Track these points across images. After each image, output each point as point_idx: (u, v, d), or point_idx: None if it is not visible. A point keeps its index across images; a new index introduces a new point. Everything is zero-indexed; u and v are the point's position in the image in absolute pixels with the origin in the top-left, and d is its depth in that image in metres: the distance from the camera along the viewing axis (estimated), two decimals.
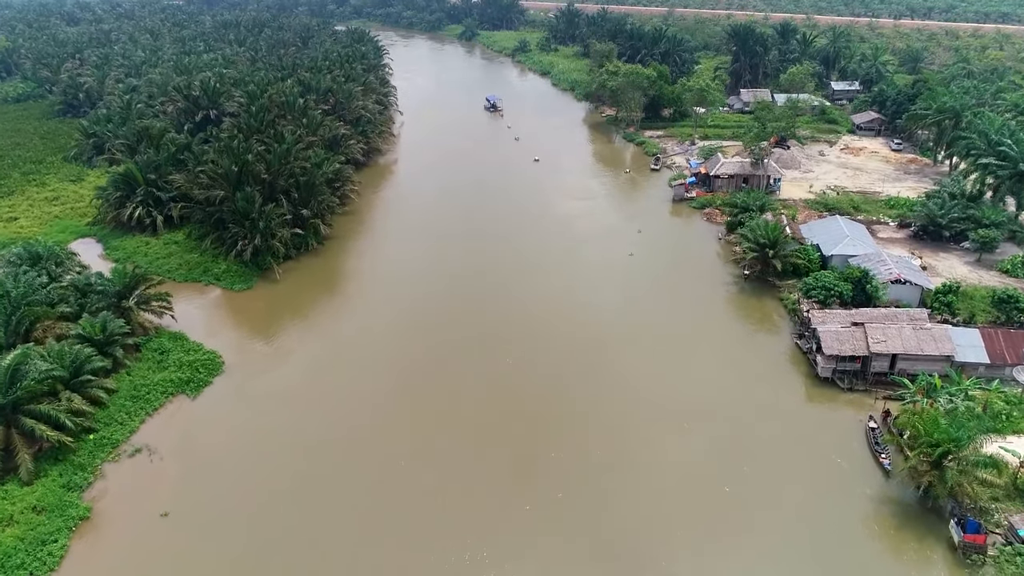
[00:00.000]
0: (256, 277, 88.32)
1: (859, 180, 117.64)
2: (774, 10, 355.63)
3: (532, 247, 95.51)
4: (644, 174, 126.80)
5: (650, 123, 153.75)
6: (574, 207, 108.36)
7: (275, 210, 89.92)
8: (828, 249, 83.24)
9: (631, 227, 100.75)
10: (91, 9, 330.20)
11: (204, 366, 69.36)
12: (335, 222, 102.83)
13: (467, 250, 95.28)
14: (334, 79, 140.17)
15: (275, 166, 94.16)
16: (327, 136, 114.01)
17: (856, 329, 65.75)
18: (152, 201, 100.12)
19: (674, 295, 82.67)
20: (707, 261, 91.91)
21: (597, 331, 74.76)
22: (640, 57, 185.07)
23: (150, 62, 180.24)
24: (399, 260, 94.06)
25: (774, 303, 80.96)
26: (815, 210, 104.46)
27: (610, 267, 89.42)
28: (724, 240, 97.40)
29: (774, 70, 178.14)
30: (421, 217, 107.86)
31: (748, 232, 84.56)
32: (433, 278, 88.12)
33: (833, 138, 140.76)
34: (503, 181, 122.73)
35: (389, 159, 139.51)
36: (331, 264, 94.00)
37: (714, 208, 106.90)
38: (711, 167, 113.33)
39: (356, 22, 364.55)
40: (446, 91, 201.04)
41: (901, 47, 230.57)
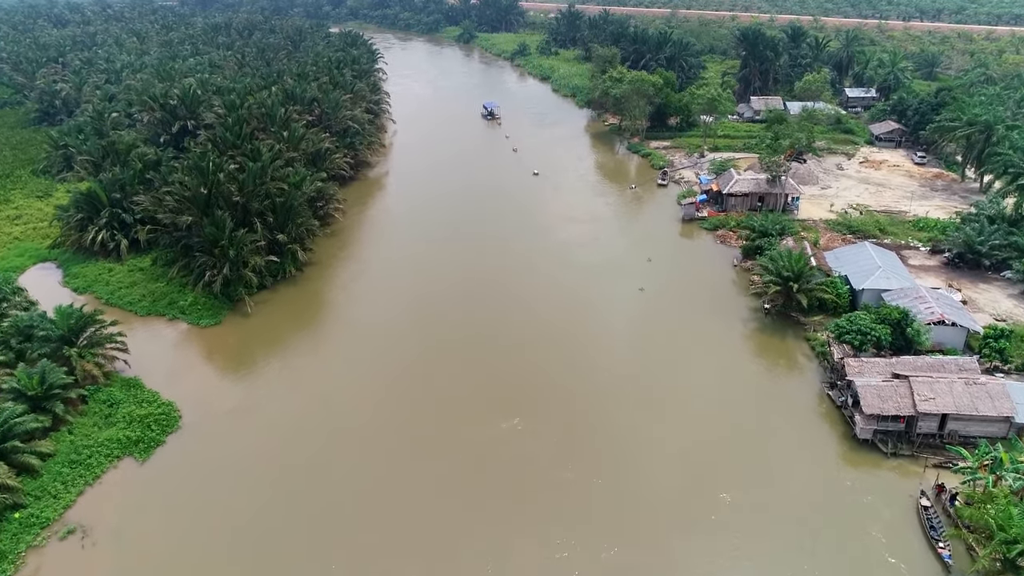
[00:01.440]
0: (226, 310, 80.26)
1: (883, 197, 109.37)
2: (779, 11, 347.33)
3: (532, 282, 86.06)
4: (650, 190, 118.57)
5: (656, 132, 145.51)
6: (577, 232, 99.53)
7: (247, 236, 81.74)
8: (858, 282, 75.02)
9: (639, 254, 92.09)
10: (81, 11, 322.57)
11: (158, 422, 61.20)
12: (317, 245, 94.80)
13: (458, 285, 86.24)
14: (320, 87, 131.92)
15: (249, 186, 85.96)
16: (310, 150, 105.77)
17: (899, 383, 57.52)
18: (117, 223, 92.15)
19: (689, 337, 74.05)
20: (723, 292, 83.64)
21: (606, 385, 66.35)
22: (644, 62, 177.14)
23: (133, 67, 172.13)
24: (384, 292, 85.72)
25: (799, 343, 72.71)
26: (837, 232, 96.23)
27: (619, 306, 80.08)
28: (740, 266, 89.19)
29: (785, 76, 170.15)
30: (410, 241, 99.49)
31: (769, 263, 76.31)
32: (421, 317, 79.72)
33: (851, 150, 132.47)
34: (500, 200, 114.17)
35: (379, 172, 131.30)
36: (310, 294, 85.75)
37: (728, 230, 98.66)
38: (724, 184, 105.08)
39: (352, 24, 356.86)
40: (442, 97, 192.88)
41: (914, 50, 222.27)
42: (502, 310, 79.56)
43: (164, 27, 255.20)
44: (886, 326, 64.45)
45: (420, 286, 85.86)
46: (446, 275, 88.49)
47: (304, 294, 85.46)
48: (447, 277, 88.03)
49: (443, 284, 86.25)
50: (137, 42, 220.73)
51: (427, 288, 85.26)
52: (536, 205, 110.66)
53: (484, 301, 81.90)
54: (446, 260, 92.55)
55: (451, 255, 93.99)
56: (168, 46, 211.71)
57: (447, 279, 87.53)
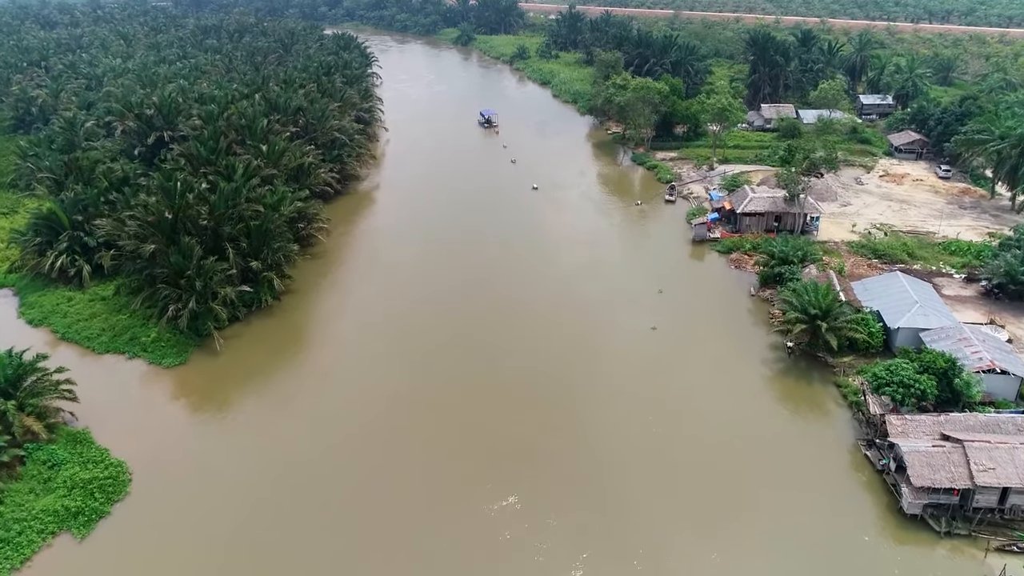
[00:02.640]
0: (193, 347, 72.77)
1: (908, 216, 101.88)
2: (784, 13, 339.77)
3: (533, 320, 77.42)
4: (657, 206, 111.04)
5: (661, 142, 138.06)
6: (581, 257, 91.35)
7: (216, 265, 74.24)
8: (893, 319, 67.53)
9: (649, 284, 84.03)
10: (70, 12, 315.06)
11: (103, 487, 53.69)
12: (297, 269, 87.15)
13: (452, 321, 78.18)
14: (307, 94, 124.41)
15: (220, 209, 78.50)
16: (291, 165, 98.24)
17: (952, 449, 50.08)
18: (79, 247, 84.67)
19: (706, 383, 66.18)
20: (740, 327, 76.08)
21: (615, 448, 58.80)
22: (648, 67, 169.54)
23: (115, 72, 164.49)
24: (368, 326, 78.07)
25: (828, 388, 65.21)
26: (862, 256, 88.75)
27: (629, 349, 71.33)
28: (757, 296, 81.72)
29: (796, 82, 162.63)
30: (398, 266, 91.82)
31: (793, 297, 68.79)
32: (408, 358, 72.24)
33: (869, 162, 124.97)
34: (497, 218, 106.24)
35: (368, 186, 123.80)
36: (287, 328, 78.19)
37: (743, 252, 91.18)
38: (737, 202, 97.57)
39: (349, 25, 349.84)
40: (438, 103, 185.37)
41: (926, 54, 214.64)
42: (500, 355, 71.24)
43: (153, 29, 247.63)
44: (931, 377, 56.95)
45: (408, 319, 78.33)
46: (438, 306, 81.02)
47: (281, 327, 77.95)
48: (439, 308, 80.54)
49: (434, 317, 78.73)
50: (124, 45, 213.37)
51: (415, 322, 77.73)
52: (536, 225, 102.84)
53: (480, 343, 73.97)
54: (438, 289, 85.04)
55: (444, 283, 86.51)
56: (156, 49, 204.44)
57: (439, 311, 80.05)
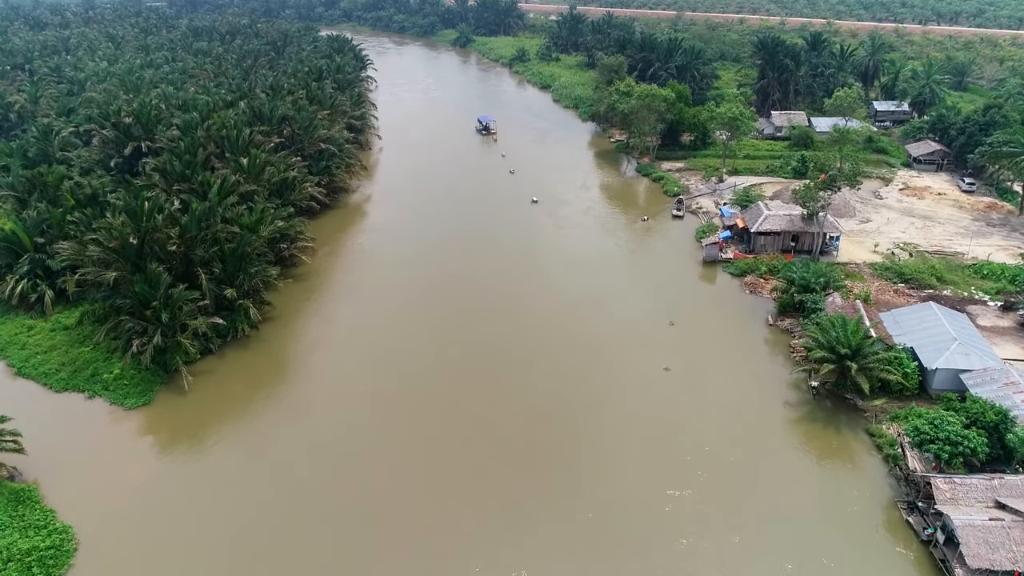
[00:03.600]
0: (159, 384, 66.51)
1: (932, 234, 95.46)
2: (789, 14, 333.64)
3: (533, 360, 70.58)
4: (664, 221, 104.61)
5: (667, 151, 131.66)
6: (584, 284, 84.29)
7: (185, 294, 67.88)
8: (930, 358, 61.12)
9: (659, 314, 77.18)
10: (61, 13, 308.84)
11: (43, 560, 47.41)
12: (278, 294, 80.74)
13: (444, 357, 71.94)
14: (295, 102, 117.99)
15: (191, 231, 72.11)
16: (274, 180, 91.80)
17: (1013, 524, 43.73)
18: (41, 271, 78.48)
19: (726, 435, 59.28)
20: (758, 362, 69.62)
21: (626, 508, 52.73)
22: (653, 71, 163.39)
23: (98, 76, 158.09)
24: (352, 360, 71.77)
25: (858, 436, 58.77)
26: (887, 280, 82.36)
27: (642, 397, 64.12)
28: (776, 325, 75.34)
29: (806, 87, 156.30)
30: (386, 290, 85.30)
31: (819, 335, 62.35)
32: (395, 399, 66.03)
33: (886, 173, 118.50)
34: (494, 235, 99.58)
35: (359, 198, 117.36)
36: (264, 360, 71.76)
37: (758, 276, 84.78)
38: (751, 220, 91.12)
39: (346, 26, 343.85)
40: (435, 109, 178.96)
41: (938, 57, 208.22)
42: (496, 404, 64.63)
43: (143, 31, 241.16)
44: (980, 432, 50.62)
45: (395, 352, 71.97)
46: (428, 338, 74.60)
47: (257, 360, 71.55)
48: (429, 341, 74.11)
49: (423, 351, 72.31)
50: (112, 47, 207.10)
51: (404, 355, 71.38)
52: (536, 245, 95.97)
53: (474, 382, 67.67)
54: (429, 318, 78.63)
55: (436, 310, 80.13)
56: (144, 52, 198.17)
57: (429, 343, 73.64)
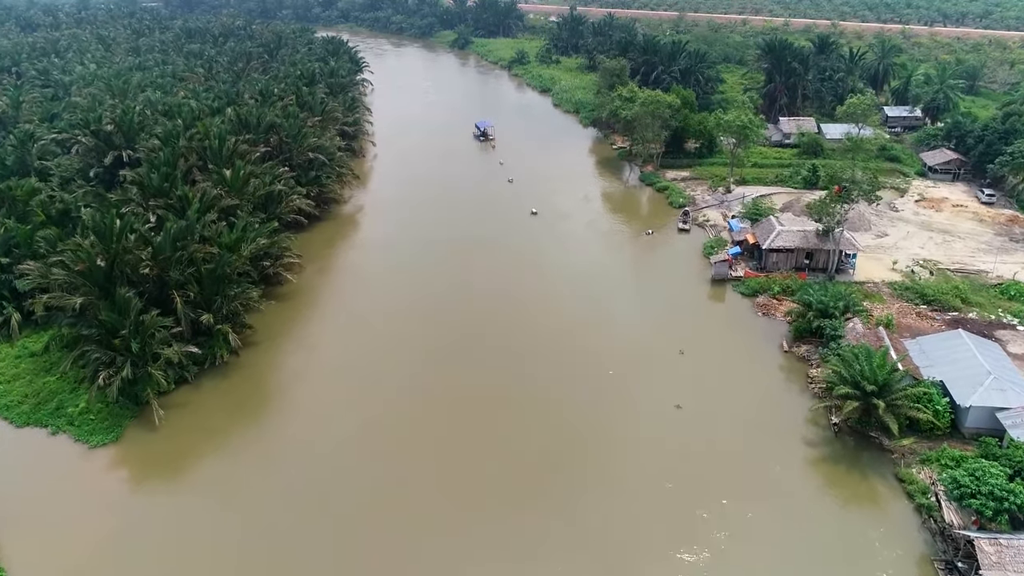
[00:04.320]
0: (129, 419, 61.67)
1: (953, 250, 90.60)
2: (793, 15, 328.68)
3: (531, 402, 64.83)
4: (670, 235, 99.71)
5: (672, 159, 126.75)
6: (586, 306, 78.50)
7: (157, 321, 63.08)
8: (962, 394, 56.25)
9: (666, 339, 71.88)
10: (54, 13, 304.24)
11: None
12: (262, 313, 75.48)
13: (437, 388, 66.84)
14: (284, 109, 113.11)
15: (165, 252, 67.25)
16: (258, 194, 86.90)
17: None
18: (7, 292, 73.61)
19: (744, 480, 54.47)
20: (774, 393, 64.74)
21: (634, 556, 47.91)
22: (656, 75, 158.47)
23: (84, 80, 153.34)
24: (338, 389, 66.83)
25: (887, 482, 53.83)
26: (908, 302, 77.48)
27: (653, 439, 58.38)
28: (791, 351, 70.47)
29: (815, 91, 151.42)
30: (375, 311, 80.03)
31: (843, 368, 57.50)
32: (382, 434, 61.24)
33: (901, 183, 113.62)
34: (491, 251, 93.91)
35: (351, 209, 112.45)
36: (244, 389, 66.79)
37: (771, 296, 79.91)
38: (763, 236, 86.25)
39: (343, 27, 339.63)
40: (432, 113, 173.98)
41: (947, 60, 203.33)
42: (491, 444, 59.63)
43: (134, 32, 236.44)
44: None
45: (383, 387, 66.97)
46: (420, 369, 69.62)
47: (236, 389, 66.61)
48: (421, 372, 69.14)
49: (415, 383, 67.34)
50: (102, 49, 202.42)
51: (392, 390, 66.47)
52: (536, 263, 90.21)
53: (468, 424, 62.28)
54: (420, 346, 73.27)
55: (427, 340, 74.63)
56: (135, 54, 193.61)
57: (421, 375, 68.67)
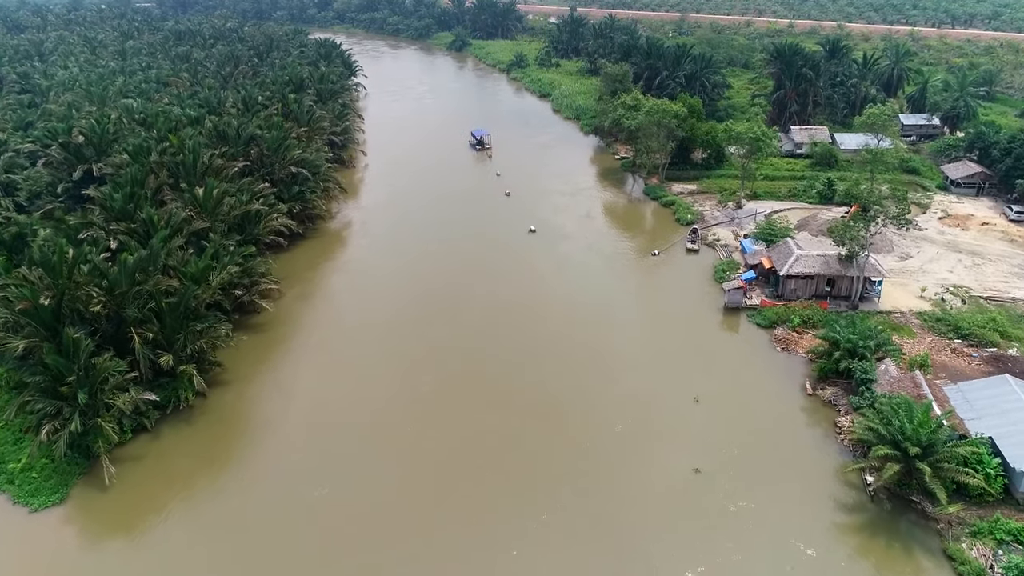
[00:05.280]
0: (77, 476, 55.11)
1: (984, 274, 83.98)
2: (797, 16, 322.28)
3: (530, 468, 58.27)
4: (678, 256, 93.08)
5: (678, 170, 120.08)
6: (593, 351, 70.71)
7: (110, 365, 56.47)
8: (1017, 456, 49.46)
9: (679, 382, 64.96)
10: (43, 15, 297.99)
11: None
12: (234, 347, 68.79)
13: (416, 448, 60.26)
14: (267, 119, 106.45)
15: (122, 286, 60.66)
16: (233, 214, 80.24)
17: None
18: None
19: (773, 558, 48.46)
20: (800, 446, 57.92)
21: None
22: (660, 80, 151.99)
23: (63, 85, 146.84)
24: (318, 427, 60.24)
25: (935, 560, 47.08)
26: (939, 334, 70.85)
27: (669, 519, 50.98)
28: (815, 395, 63.83)
29: (826, 98, 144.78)
30: (357, 353, 72.73)
31: (879, 424, 50.87)
32: (359, 497, 54.62)
33: (922, 198, 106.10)
34: (486, 285, 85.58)
35: (337, 226, 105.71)
36: (209, 437, 60.08)
37: (790, 329, 73.20)
38: (779, 261, 79.56)
39: (339, 28, 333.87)
40: (427, 119, 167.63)
41: (960, 63, 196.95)
42: (483, 534, 53.79)
43: (122, 34, 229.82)
44: None
45: (364, 445, 60.23)
46: (402, 423, 62.92)
47: (200, 439, 59.89)
48: (404, 426, 62.39)
49: (397, 440, 60.54)
50: (88, 52, 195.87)
51: (371, 449, 59.84)
52: (535, 293, 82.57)
53: (453, 498, 56.04)
54: (404, 395, 66.48)
55: (412, 388, 67.77)
56: (121, 57, 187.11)
57: (404, 430, 61.92)
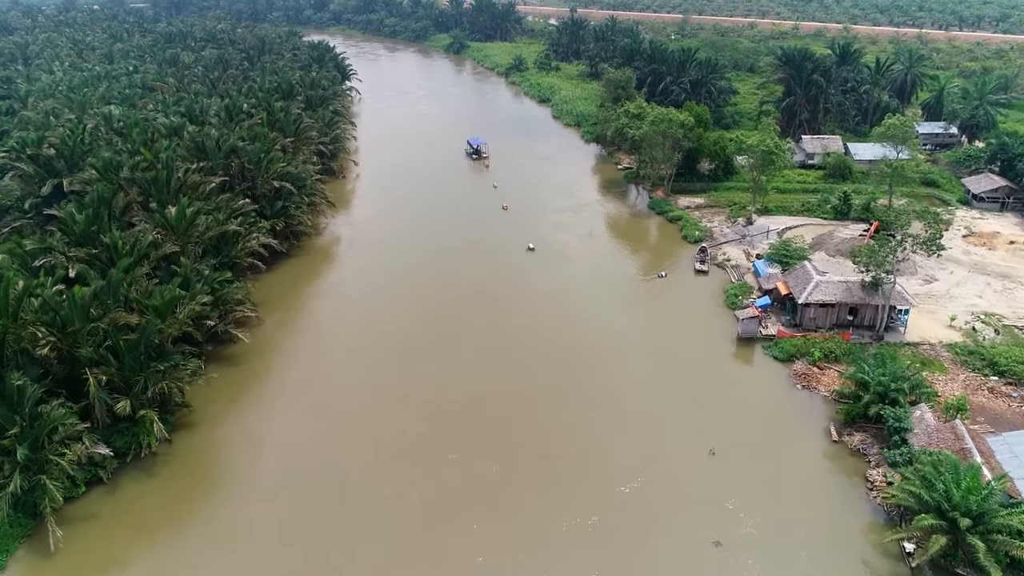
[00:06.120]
0: (19, 539, 49.20)
1: (1016, 299, 78.05)
2: (801, 18, 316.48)
3: (527, 529, 53.56)
4: (686, 277, 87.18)
5: (684, 182, 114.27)
6: (598, 393, 64.49)
7: (59, 415, 50.55)
8: None
9: (693, 430, 58.77)
10: (33, 16, 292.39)
11: None
12: (204, 383, 62.80)
13: (402, 509, 55.35)
14: (250, 130, 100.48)
15: (75, 324, 54.79)
16: (208, 236, 74.29)
17: None
18: None
19: None
20: (828, 504, 51.79)
21: None
22: (664, 86, 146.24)
23: (43, 91, 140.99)
24: (294, 475, 54.32)
25: None
26: (974, 370, 64.98)
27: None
28: (841, 441, 57.93)
29: (837, 104, 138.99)
30: (339, 391, 66.79)
31: (922, 490, 44.98)
32: (350, 532, 48.80)
33: (944, 214, 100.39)
34: (483, 315, 78.87)
35: (324, 242, 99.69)
36: (168, 496, 53.64)
37: (811, 363, 67.27)
38: (797, 287, 73.62)
39: (335, 29, 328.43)
40: (423, 126, 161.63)
41: (971, 67, 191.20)
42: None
43: (111, 36, 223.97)
44: None
45: (343, 505, 54.44)
46: (385, 479, 57.20)
47: (161, 493, 53.77)
48: (387, 483, 56.73)
49: (380, 500, 54.93)
50: (75, 55, 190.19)
51: (352, 511, 54.05)
52: (535, 325, 75.36)
53: (447, 550, 50.62)
54: (386, 445, 60.77)
55: (396, 438, 62.25)
56: (109, 61, 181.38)
57: (387, 488, 56.29)
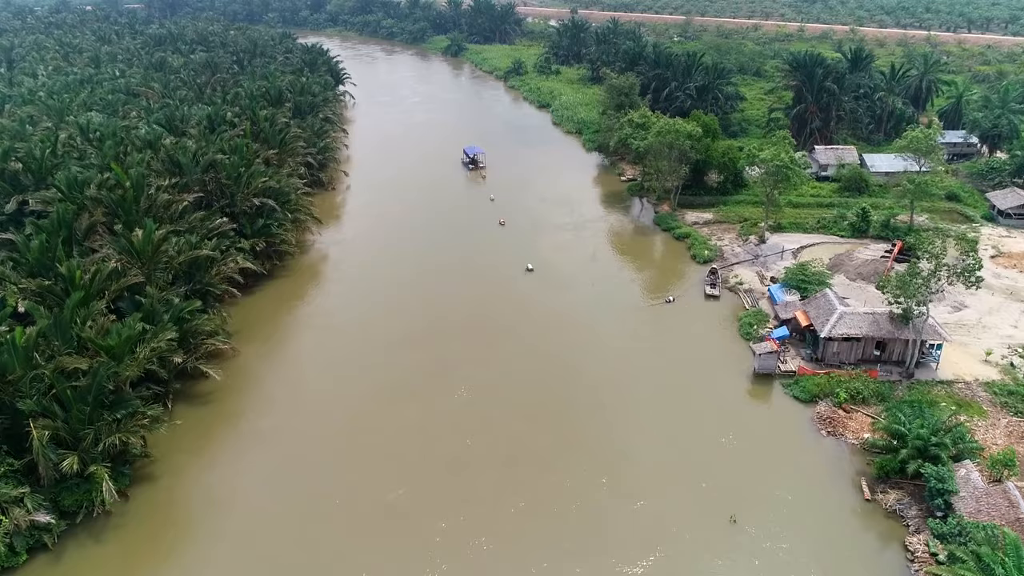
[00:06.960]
0: None
1: None
2: (806, 19, 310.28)
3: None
4: (695, 301, 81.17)
5: (691, 195, 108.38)
6: (603, 445, 59.05)
7: None
8: None
9: (711, 495, 52.27)
10: (23, 17, 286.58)
11: None
12: (166, 431, 56.90)
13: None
14: (231, 141, 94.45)
15: (16, 370, 48.78)
16: (178, 261, 68.23)
17: None
18: None
19: None
20: (866, 573, 46.22)
21: None
22: (668, 92, 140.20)
23: (22, 97, 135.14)
24: (269, 531, 48.37)
25: None
26: (1017, 415, 59.03)
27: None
28: (875, 499, 51.88)
29: (850, 111, 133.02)
30: (316, 445, 61.08)
31: (976, 570, 38.98)
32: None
33: (968, 231, 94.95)
34: (476, 349, 72.37)
35: (311, 260, 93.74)
36: (123, 561, 48.17)
37: (835, 405, 61.27)
38: (819, 319, 67.53)
39: (332, 31, 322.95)
40: (419, 133, 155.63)
41: (984, 72, 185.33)
42: None
43: (100, 39, 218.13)
44: None
45: (325, 545, 48.56)
46: (372, 524, 51.23)
47: (114, 562, 47.76)
48: (374, 528, 50.77)
49: (363, 549, 49.04)
50: (61, 59, 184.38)
51: (333, 558, 48.08)
52: (534, 362, 69.07)
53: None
54: (374, 483, 54.83)
55: (385, 472, 56.39)
56: (95, 64, 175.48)
57: (374, 534, 50.35)
